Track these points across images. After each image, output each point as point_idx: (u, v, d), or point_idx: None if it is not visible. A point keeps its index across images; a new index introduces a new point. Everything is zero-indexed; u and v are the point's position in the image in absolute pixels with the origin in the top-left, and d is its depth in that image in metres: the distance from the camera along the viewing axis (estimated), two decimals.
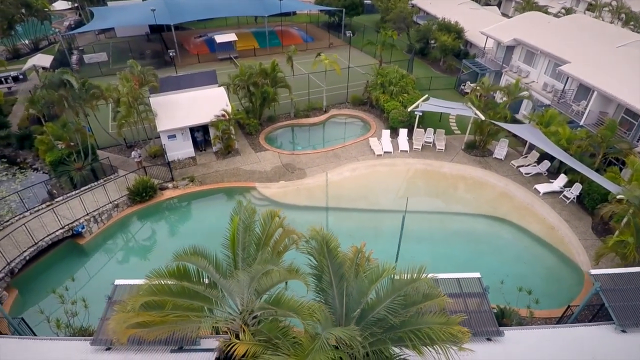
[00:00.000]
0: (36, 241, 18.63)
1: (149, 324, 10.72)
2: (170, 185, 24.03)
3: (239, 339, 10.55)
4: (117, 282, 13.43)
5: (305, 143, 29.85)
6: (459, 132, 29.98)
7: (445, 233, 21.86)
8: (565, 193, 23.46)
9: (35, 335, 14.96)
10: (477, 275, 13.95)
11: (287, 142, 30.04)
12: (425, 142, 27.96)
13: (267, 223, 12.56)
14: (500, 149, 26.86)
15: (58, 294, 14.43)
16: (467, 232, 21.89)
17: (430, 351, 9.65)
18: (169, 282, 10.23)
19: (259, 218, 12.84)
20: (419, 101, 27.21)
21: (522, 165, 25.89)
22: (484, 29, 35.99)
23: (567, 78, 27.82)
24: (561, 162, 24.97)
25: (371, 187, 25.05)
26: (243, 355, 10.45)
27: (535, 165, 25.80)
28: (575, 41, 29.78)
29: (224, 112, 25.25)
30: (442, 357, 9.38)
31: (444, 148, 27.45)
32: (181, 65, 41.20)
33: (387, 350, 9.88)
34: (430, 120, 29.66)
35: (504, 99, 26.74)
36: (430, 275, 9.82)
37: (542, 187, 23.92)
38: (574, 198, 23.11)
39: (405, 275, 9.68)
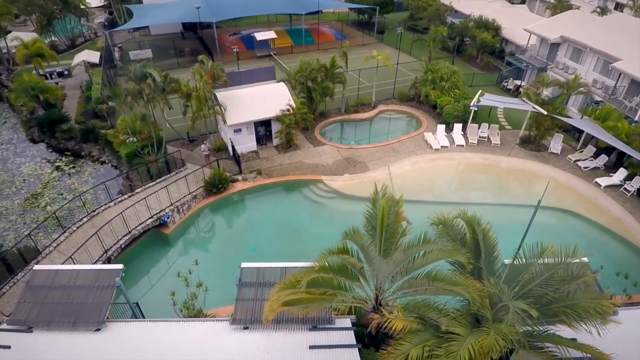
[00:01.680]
0: (130, 229, 19.16)
1: (297, 302, 11.28)
2: (239, 177, 24.57)
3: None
4: (243, 265, 13.91)
5: (359, 137, 30.39)
6: (509, 127, 30.55)
7: (514, 224, 22.13)
8: (625, 186, 24.04)
9: (144, 318, 15.50)
10: (585, 259, 14.49)
11: (342, 137, 30.59)
12: (480, 136, 28.51)
13: (392, 209, 13.04)
14: (556, 144, 27.42)
15: (183, 277, 14.91)
16: (536, 223, 22.30)
17: (580, 325, 10.24)
18: (331, 261, 10.75)
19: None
20: (477, 96, 27.79)
21: (579, 160, 26.45)
22: (528, 26, 36.57)
23: (620, 75, 28.39)
24: (618, 156, 25.66)
25: (434, 180, 25.61)
26: (380, 333, 11.12)
27: (592, 160, 26.36)
28: (623, 39, 30.28)
29: (289, 107, 25.79)
30: (593, 330, 10.00)
31: (499, 143, 28.01)
32: (220, 61, 41.61)
33: (538, 325, 10.43)
34: (479, 116, 30.15)
35: (549, 95, 27.36)
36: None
37: (603, 181, 24.49)
38: (634, 191, 23.68)
39: (561, 257, 10.26)
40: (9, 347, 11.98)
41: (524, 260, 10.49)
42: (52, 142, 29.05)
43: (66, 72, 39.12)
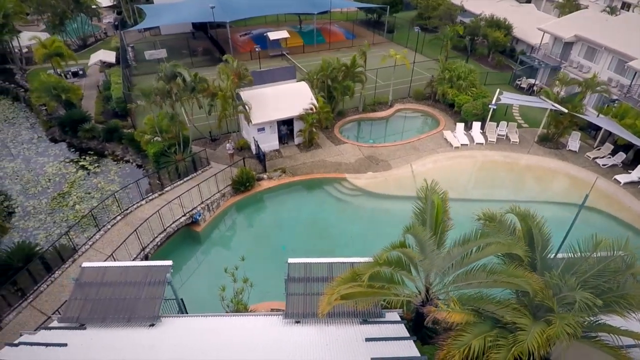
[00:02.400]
0: (165, 227, 19.38)
1: (355, 296, 11.57)
2: (265, 176, 24.81)
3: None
4: (290, 260, 14.12)
5: (378, 136, 30.67)
6: (526, 125, 30.94)
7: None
8: None
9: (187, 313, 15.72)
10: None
11: (361, 135, 30.89)
12: (499, 135, 28.87)
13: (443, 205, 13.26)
14: (573, 142, 27.83)
15: (230, 273, 15.12)
16: (561, 220, 22.64)
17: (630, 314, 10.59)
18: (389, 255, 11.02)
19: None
20: (496, 94, 28.16)
21: (598, 157, 26.87)
22: (538, 25, 37.05)
23: (635, 73, 28.81)
24: (636, 153, 26.10)
25: (456, 177, 25.90)
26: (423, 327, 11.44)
27: (610, 157, 26.78)
28: (637, 38, 30.69)
29: (312, 106, 26.04)
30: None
31: (518, 141, 28.38)
32: None
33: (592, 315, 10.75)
34: (496, 114, 30.44)
35: (563, 94, 27.95)
36: None
37: (622, 178, 24.94)
38: None
39: (613, 250, 10.59)
40: (65, 344, 12.13)
41: (579, 253, 10.78)
42: (74, 141, 29.16)
43: (81, 72, 39.24)
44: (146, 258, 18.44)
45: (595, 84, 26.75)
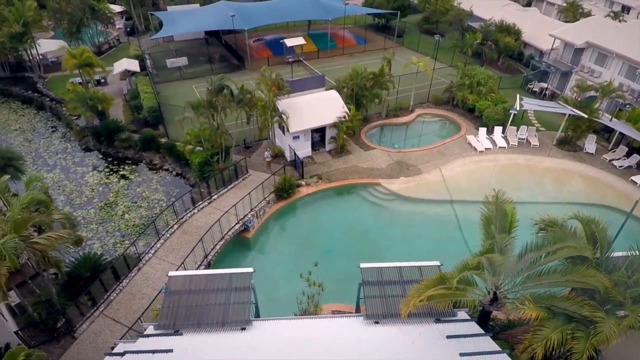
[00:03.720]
0: (223, 234, 20.36)
1: (438, 297, 12.79)
2: (303, 182, 25.88)
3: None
4: (362, 265, 15.23)
5: (402, 141, 31.92)
6: (543, 128, 32.50)
7: (572, 222, 24.25)
8: None
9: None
10: None
11: (386, 140, 32.08)
12: (519, 138, 30.36)
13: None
14: (590, 144, 29.45)
15: (305, 278, 16.19)
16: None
17: None
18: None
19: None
20: (517, 100, 29.63)
21: (614, 159, 28.52)
22: (546, 30, 38.74)
23: None
24: None
25: (484, 180, 27.25)
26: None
27: (625, 159, 28.45)
28: None
29: (345, 114, 27.17)
30: None
31: (538, 144, 29.91)
32: (251, 68, 42.70)
33: None
34: (515, 118, 31.91)
35: (578, 97, 29.77)
36: None
37: (638, 179, 26.61)
38: None
39: None
40: (171, 350, 13.00)
41: (636, 252, 12.15)
42: (109, 150, 29.82)
43: (102, 80, 39.71)
44: (209, 265, 19.42)
45: (611, 90, 28.37)
